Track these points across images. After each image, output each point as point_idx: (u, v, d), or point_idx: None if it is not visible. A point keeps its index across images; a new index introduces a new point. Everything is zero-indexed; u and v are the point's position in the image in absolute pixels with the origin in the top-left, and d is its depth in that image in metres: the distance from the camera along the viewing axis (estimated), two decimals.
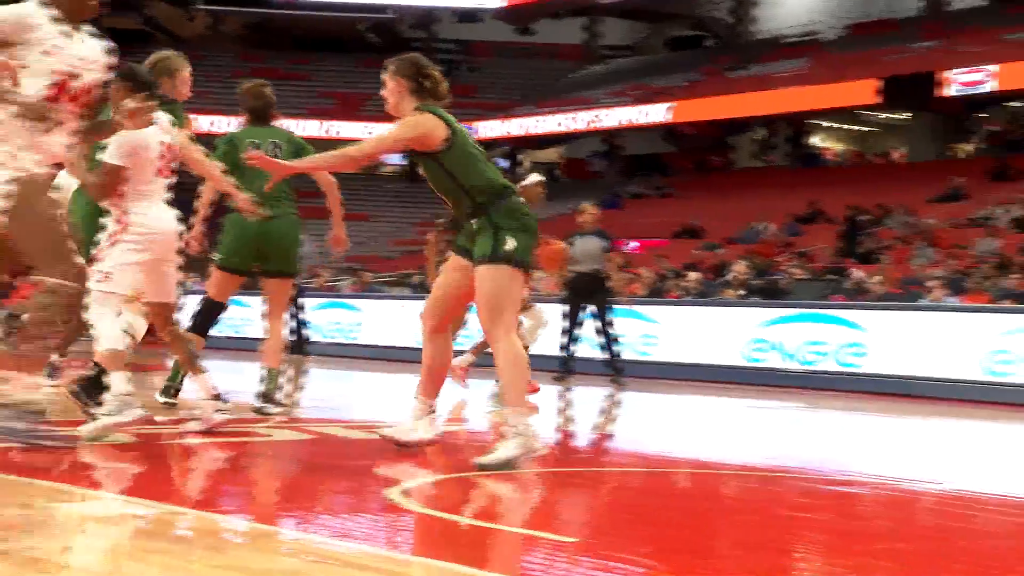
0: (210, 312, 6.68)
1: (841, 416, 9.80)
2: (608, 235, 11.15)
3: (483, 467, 4.76)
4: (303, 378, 11.97)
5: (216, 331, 6.83)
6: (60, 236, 4.78)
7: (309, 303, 15.26)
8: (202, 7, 37.03)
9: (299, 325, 14.80)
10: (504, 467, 4.71)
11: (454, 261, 5.23)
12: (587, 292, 10.87)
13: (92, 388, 5.52)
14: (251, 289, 8.17)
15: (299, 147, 6.73)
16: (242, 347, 12.71)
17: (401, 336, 15.42)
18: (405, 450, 5.18)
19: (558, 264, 9.19)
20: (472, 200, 5.03)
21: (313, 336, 15.42)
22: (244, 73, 38.24)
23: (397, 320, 15.68)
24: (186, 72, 6.37)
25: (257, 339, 7.18)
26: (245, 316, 15.37)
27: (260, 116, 6.85)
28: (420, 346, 5.30)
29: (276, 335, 6.73)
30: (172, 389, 6.56)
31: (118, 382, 5.19)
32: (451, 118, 5.34)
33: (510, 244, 4.90)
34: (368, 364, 14.69)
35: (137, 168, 5.29)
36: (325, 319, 16.92)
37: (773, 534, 4.01)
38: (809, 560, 3.66)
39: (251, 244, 6.53)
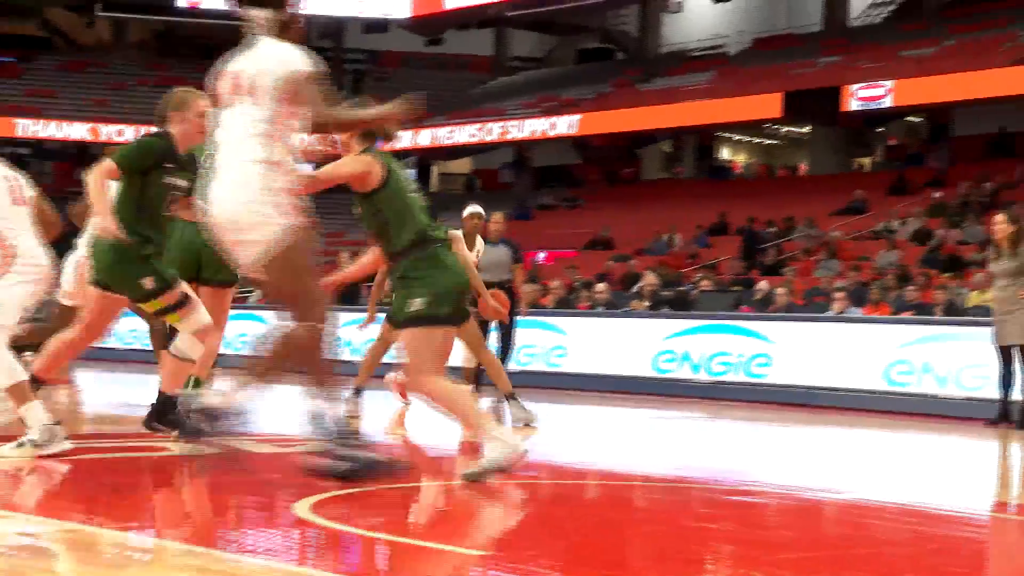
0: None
1: (747, 426, 9.96)
2: (516, 245, 11.16)
3: (467, 477, 4.93)
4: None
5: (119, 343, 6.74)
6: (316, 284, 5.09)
7: None
8: (104, 14, 36.31)
9: None
10: (487, 474, 4.86)
11: None
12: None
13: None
14: None
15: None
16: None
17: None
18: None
19: (499, 316, 9.18)
20: (392, 245, 5.21)
21: (221, 348, 15.23)
22: (150, 82, 37.73)
23: None
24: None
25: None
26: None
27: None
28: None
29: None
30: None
31: (38, 412, 5.21)
32: (393, 162, 5.65)
33: (416, 303, 5.05)
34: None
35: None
36: (234, 331, 16.70)
37: (680, 544, 4.06)
38: (716, 570, 3.72)
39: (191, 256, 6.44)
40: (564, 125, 29.77)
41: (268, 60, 4.97)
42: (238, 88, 5.01)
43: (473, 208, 9.67)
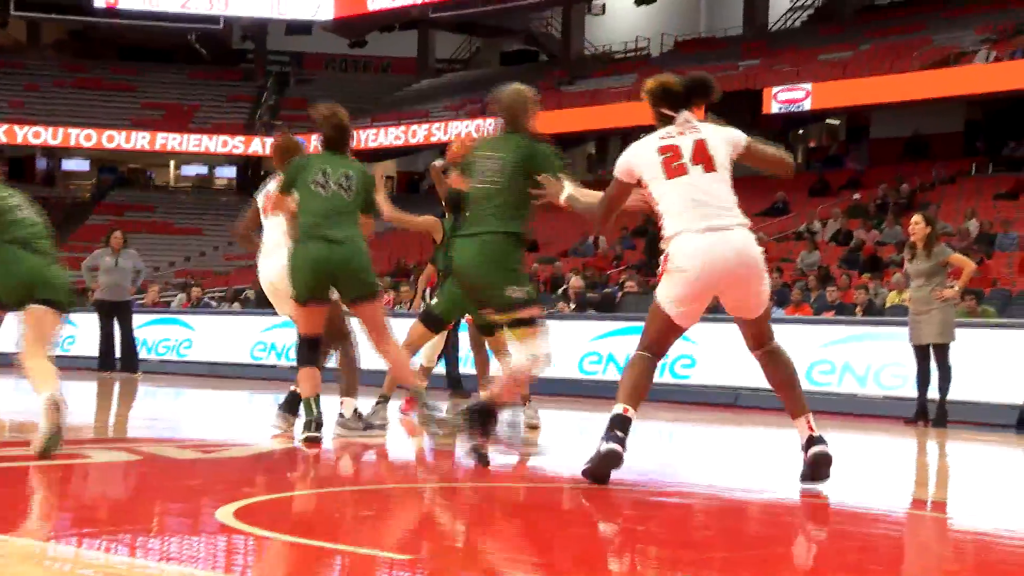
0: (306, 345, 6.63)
1: (672, 427, 10.02)
2: None
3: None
4: (132, 396, 11.68)
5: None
6: None
7: (139, 319, 14.97)
8: (18, 14, 35.59)
9: (129, 342, 14.42)
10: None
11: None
12: None
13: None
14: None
15: (369, 183, 6.67)
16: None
17: (233, 352, 15.20)
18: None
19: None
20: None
21: (143, 353, 15.12)
22: (66, 83, 37.16)
23: (230, 336, 15.45)
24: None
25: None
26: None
27: (334, 144, 6.77)
28: (253, 362, 5.37)
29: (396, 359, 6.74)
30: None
31: None
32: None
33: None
34: (200, 381, 14.40)
35: None
36: (156, 335, 16.52)
37: (606, 546, 4.09)
38: (642, 572, 3.75)
39: (319, 272, 6.38)
40: (483, 127, 29.82)
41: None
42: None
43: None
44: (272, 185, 7.15)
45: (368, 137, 32.64)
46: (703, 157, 5.25)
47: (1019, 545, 4.78)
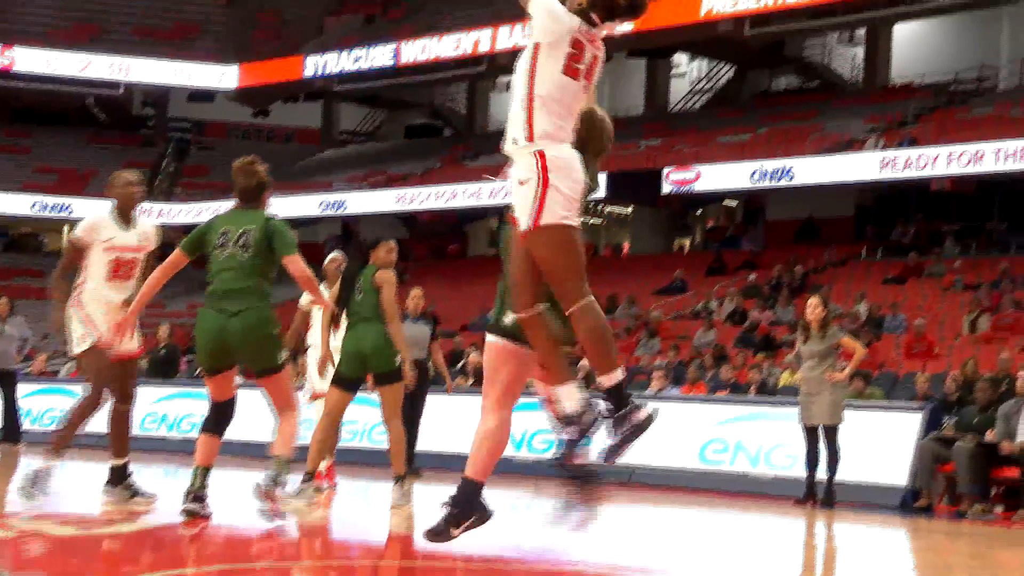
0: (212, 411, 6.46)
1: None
2: (435, 320, 10.96)
3: None
4: (13, 469, 11.36)
5: None
6: None
7: (24, 388, 14.62)
8: None
9: (12, 412, 13.98)
10: None
11: None
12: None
13: None
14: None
15: (273, 233, 6.30)
16: None
17: None
18: None
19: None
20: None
21: (27, 424, 14.74)
22: None
23: None
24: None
25: None
26: None
27: (247, 196, 6.49)
28: (142, 433, 5.28)
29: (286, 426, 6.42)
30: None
31: None
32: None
33: None
34: (86, 453, 14.01)
35: None
36: (41, 405, 16.13)
37: None
38: None
39: (216, 343, 6.21)
40: (390, 199, 29.97)
41: None
42: None
43: (335, 254, 9.63)
44: None
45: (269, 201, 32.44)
46: None
47: None
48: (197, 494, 6.21)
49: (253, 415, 7.89)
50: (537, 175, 4.35)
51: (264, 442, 6.79)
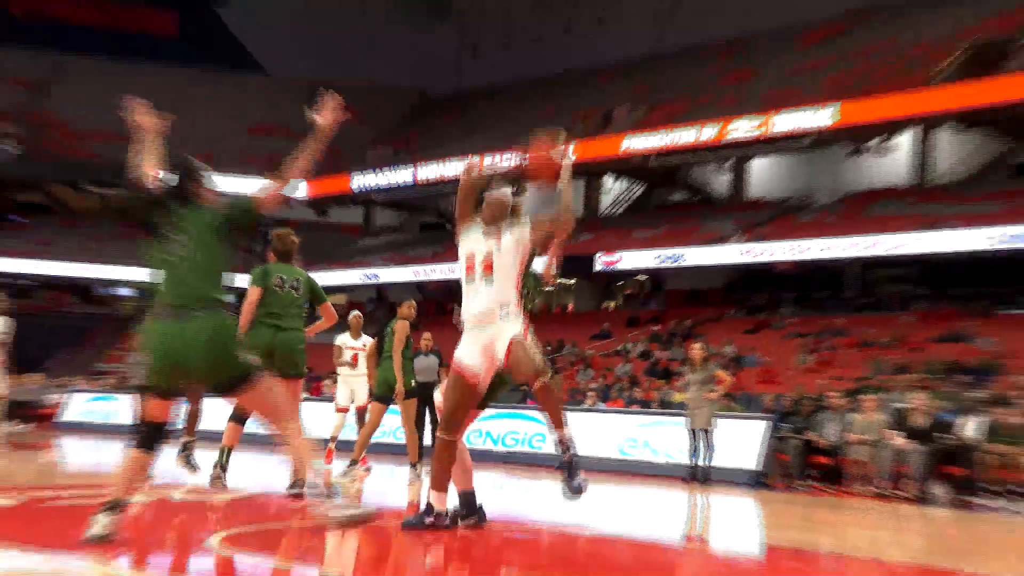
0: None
1: (525, 482, 10.02)
2: (440, 355, 10.31)
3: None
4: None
5: None
6: None
7: None
8: None
9: None
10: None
11: None
12: (424, 398, 9.59)
13: None
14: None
15: (313, 286, 6.20)
16: None
17: None
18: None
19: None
20: None
21: None
22: None
23: None
24: None
25: None
26: None
27: (283, 257, 6.18)
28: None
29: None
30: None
31: None
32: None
33: None
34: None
35: None
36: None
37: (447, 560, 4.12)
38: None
39: (269, 349, 5.72)
40: (410, 273, 30.10)
41: None
42: None
43: (355, 312, 9.95)
44: None
45: (325, 278, 32.46)
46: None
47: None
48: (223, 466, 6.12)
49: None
50: (526, 330, 4.64)
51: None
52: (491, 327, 4.58)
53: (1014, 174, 25.14)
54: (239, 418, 6.18)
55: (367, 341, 9.51)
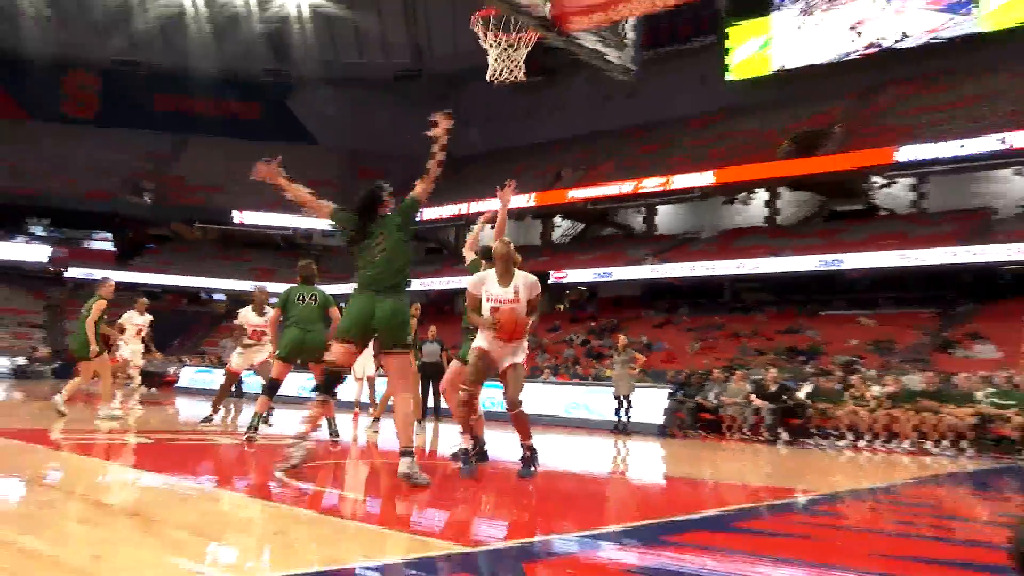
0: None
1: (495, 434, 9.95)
2: (442, 342, 10.14)
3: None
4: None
5: None
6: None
7: None
8: None
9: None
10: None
11: None
12: (428, 375, 9.35)
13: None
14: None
15: (325, 300, 5.72)
16: None
17: None
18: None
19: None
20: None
21: None
22: None
23: None
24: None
25: None
26: None
27: (307, 280, 5.78)
28: None
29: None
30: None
31: None
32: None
33: None
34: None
35: None
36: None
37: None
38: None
39: (301, 345, 5.45)
40: (417, 284, 29.62)
41: None
42: None
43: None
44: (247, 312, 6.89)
45: (351, 290, 31.97)
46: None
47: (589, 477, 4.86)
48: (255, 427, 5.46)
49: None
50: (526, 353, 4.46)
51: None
52: (506, 344, 4.38)
53: (828, 220, 25.89)
54: (268, 391, 5.69)
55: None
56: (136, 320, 9.33)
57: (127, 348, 9.22)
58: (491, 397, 11.46)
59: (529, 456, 4.37)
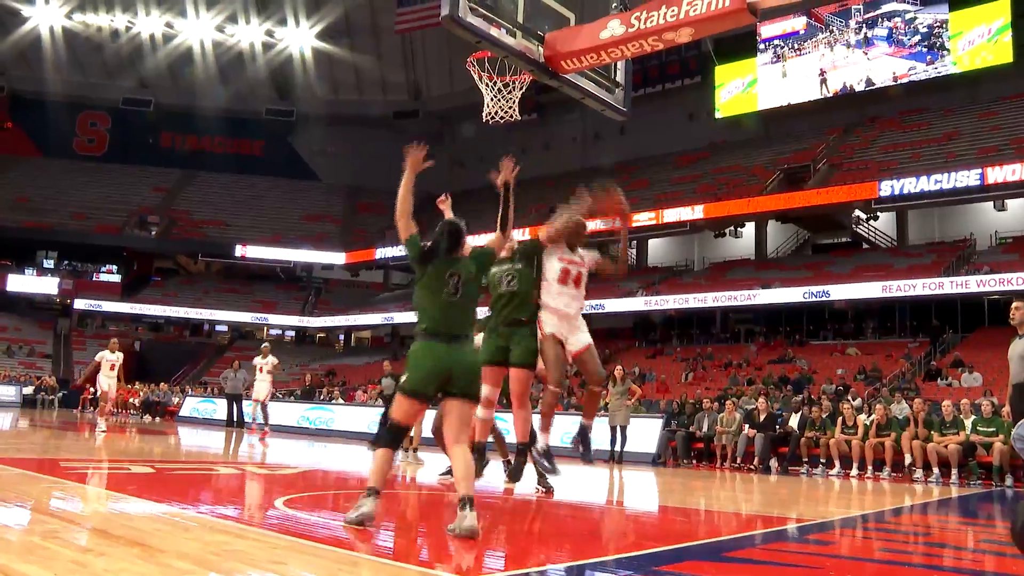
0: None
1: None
2: (397, 377, 10.47)
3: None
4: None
5: None
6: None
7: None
8: None
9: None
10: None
11: None
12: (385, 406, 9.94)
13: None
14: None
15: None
16: None
17: None
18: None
19: None
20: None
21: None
22: None
23: None
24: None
25: None
26: None
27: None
28: None
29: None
30: None
31: None
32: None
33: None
34: None
35: None
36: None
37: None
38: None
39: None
40: (414, 316, 29.69)
41: None
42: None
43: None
44: None
45: (354, 320, 32.29)
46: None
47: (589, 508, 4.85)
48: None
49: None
50: None
51: None
52: (573, 322, 4.24)
53: (815, 252, 26.16)
54: None
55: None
56: (109, 357, 10.94)
57: (104, 380, 11.03)
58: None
59: (591, 438, 4.37)
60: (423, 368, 3.27)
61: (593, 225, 4.34)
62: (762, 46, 28.23)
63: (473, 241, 3.72)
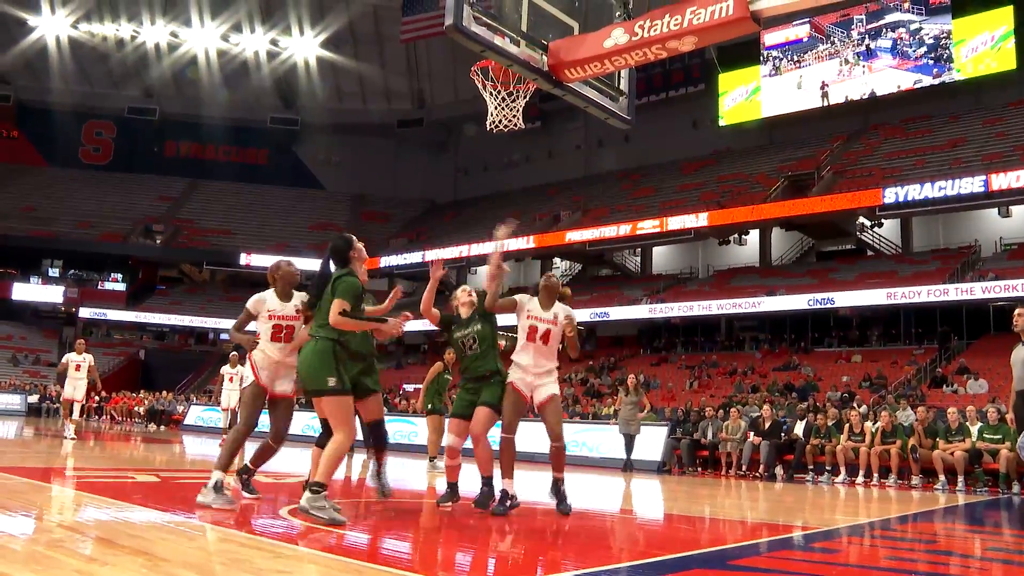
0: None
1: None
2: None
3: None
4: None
5: None
6: None
7: None
8: None
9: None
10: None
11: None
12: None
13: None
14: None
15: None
16: None
17: None
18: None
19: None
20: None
21: None
22: None
23: None
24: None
25: None
26: None
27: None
28: None
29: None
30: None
31: None
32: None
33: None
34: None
35: None
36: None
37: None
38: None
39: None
40: (420, 323, 29.67)
41: None
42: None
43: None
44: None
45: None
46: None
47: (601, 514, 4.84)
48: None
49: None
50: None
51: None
52: (540, 375, 4.41)
53: (818, 259, 26.13)
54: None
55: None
56: (75, 359, 10.42)
57: (68, 384, 10.47)
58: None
59: (564, 490, 4.44)
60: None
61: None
62: (766, 54, 28.34)
63: (475, 249, 3.79)
